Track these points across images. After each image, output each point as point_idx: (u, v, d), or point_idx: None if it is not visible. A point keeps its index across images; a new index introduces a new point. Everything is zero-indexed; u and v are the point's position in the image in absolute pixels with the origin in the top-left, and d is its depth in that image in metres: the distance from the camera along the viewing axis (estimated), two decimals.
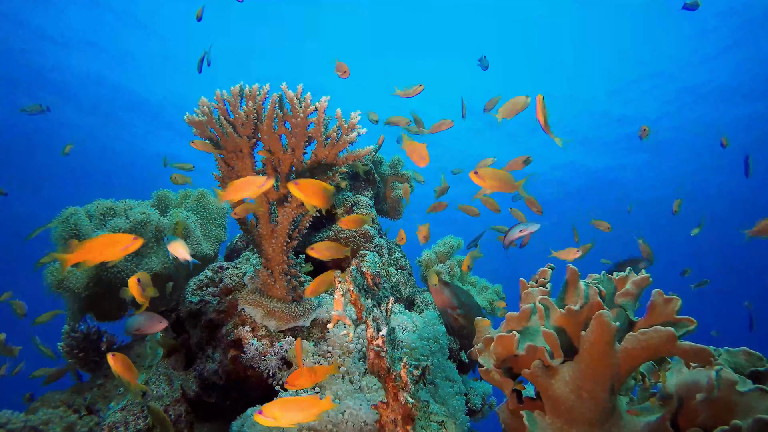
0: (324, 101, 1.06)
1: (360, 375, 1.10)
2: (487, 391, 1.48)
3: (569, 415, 0.69)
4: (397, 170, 1.97)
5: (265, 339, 1.17)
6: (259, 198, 1.11)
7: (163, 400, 1.19)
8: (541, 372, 0.70)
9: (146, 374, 1.25)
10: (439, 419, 0.97)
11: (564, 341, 0.72)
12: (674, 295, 0.67)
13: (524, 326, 0.79)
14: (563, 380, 0.69)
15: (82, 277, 1.26)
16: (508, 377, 0.80)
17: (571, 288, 0.80)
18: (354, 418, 0.92)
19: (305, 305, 1.23)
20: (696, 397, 0.63)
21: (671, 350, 0.62)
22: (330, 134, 1.08)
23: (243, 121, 1.08)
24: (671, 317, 0.66)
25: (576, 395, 0.68)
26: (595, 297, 0.70)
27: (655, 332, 0.61)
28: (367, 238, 1.57)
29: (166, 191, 1.53)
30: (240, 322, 1.20)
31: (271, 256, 1.18)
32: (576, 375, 0.68)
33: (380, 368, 0.75)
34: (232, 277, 1.32)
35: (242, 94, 1.08)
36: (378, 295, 0.83)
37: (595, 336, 0.64)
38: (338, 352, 1.16)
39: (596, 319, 0.63)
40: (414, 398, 0.76)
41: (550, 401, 0.71)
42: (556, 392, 0.69)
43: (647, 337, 0.62)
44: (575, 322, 0.72)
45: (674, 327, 0.63)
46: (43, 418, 1.17)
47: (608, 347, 0.64)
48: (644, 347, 0.63)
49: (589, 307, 0.70)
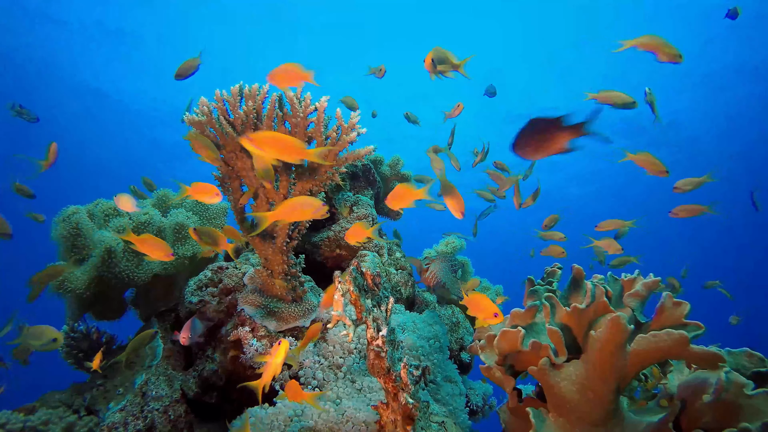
0: (324, 101, 1.05)
1: (360, 375, 1.10)
2: (488, 392, 1.47)
3: (573, 413, 0.69)
4: (397, 170, 1.97)
5: (264, 339, 1.17)
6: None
7: (162, 401, 1.19)
8: (550, 369, 0.69)
9: (146, 374, 1.24)
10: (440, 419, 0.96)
11: (568, 339, 0.72)
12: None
13: (529, 323, 0.79)
14: (569, 379, 0.69)
15: (83, 276, 1.26)
16: (510, 375, 0.79)
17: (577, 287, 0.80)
18: (354, 419, 0.92)
19: (305, 305, 1.23)
20: (702, 399, 0.63)
21: (682, 354, 0.62)
22: (330, 134, 1.07)
23: (243, 121, 1.08)
24: (680, 321, 0.66)
25: (581, 394, 0.68)
26: (601, 297, 0.70)
27: (667, 335, 0.61)
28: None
29: (167, 191, 1.53)
30: (240, 323, 1.20)
31: (270, 257, 1.17)
32: (582, 374, 0.67)
33: (380, 368, 0.75)
34: (231, 277, 1.31)
35: (242, 93, 1.08)
36: (378, 295, 0.83)
37: (607, 336, 0.64)
38: (338, 353, 1.16)
39: (612, 321, 0.63)
40: (414, 399, 0.75)
41: (555, 399, 0.71)
42: (562, 390, 0.69)
43: (659, 339, 0.62)
44: (580, 321, 0.72)
45: (683, 330, 0.63)
46: (43, 419, 1.17)
47: (619, 348, 0.64)
48: (655, 349, 0.63)
49: (596, 306, 0.70)
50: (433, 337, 1.27)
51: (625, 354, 0.64)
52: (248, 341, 1.16)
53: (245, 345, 1.15)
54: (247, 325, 1.19)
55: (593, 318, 0.72)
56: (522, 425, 0.80)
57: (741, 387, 0.60)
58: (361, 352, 1.17)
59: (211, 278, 1.33)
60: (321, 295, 1.34)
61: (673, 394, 0.71)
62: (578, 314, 0.71)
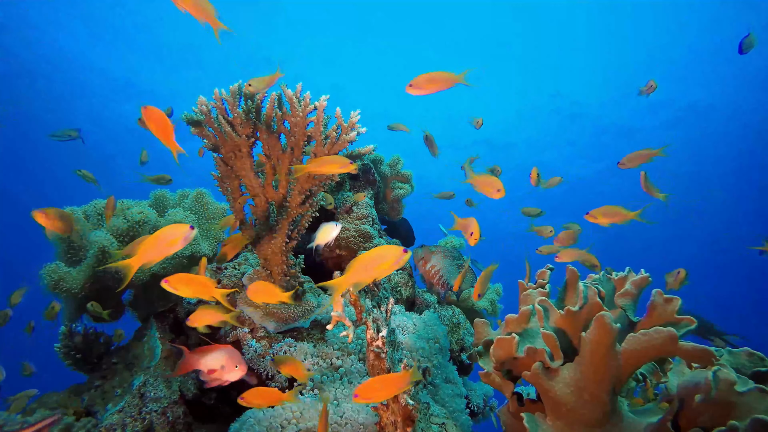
0: (323, 100, 1.05)
1: (359, 377, 1.09)
2: (489, 393, 1.47)
3: (570, 416, 0.69)
4: (397, 170, 1.96)
5: (263, 340, 1.16)
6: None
7: (161, 402, 1.18)
8: (542, 374, 0.69)
9: (144, 375, 1.24)
10: (440, 421, 0.96)
11: (564, 342, 0.71)
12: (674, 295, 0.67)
13: (524, 328, 0.78)
14: (564, 382, 0.68)
15: (79, 278, 1.25)
16: (509, 379, 0.79)
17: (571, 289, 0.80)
18: (353, 421, 0.91)
19: (304, 306, 1.23)
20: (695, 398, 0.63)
21: (673, 351, 0.61)
22: (329, 133, 1.07)
23: (242, 121, 1.07)
24: (672, 317, 0.66)
25: (577, 397, 0.67)
26: (594, 298, 0.69)
27: (656, 333, 0.61)
28: (366, 238, 1.56)
29: (164, 191, 1.52)
30: (238, 323, 1.19)
31: (269, 257, 1.17)
32: (577, 376, 0.67)
33: (380, 370, 0.74)
34: (230, 277, 1.31)
35: (241, 92, 1.07)
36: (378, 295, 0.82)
37: (596, 337, 0.63)
38: (337, 354, 1.15)
39: (597, 321, 0.62)
40: (414, 400, 0.75)
41: (551, 403, 0.70)
42: (557, 394, 0.69)
43: (648, 337, 0.61)
44: (575, 324, 0.71)
45: (675, 327, 0.62)
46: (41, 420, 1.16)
47: (609, 348, 0.63)
48: (645, 348, 0.62)
49: (589, 307, 0.70)
50: (434, 338, 1.27)
51: (616, 354, 0.64)
52: (247, 342, 1.15)
53: (244, 346, 1.15)
54: (246, 325, 1.18)
55: (587, 319, 0.72)
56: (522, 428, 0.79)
57: (731, 385, 0.59)
58: (361, 353, 1.16)
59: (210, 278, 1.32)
60: (321, 296, 1.33)
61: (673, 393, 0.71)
62: (572, 317, 0.71)
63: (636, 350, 0.63)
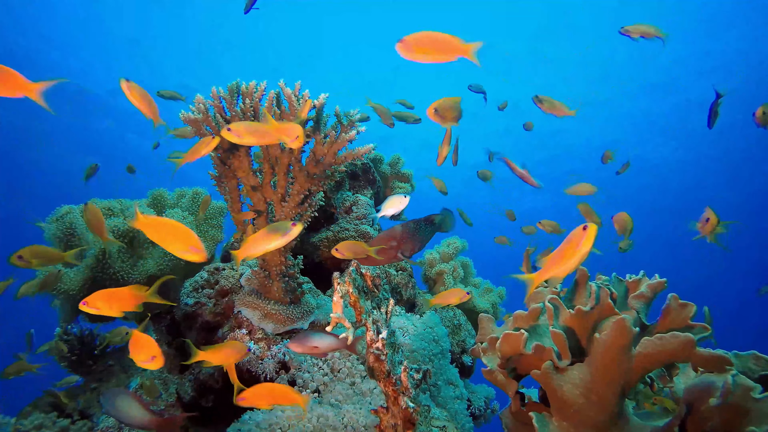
0: (322, 98, 1.03)
1: (360, 379, 1.08)
2: (490, 395, 1.45)
3: (577, 418, 0.68)
4: (397, 169, 1.95)
5: (262, 342, 1.15)
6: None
7: (157, 404, 1.17)
8: (553, 373, 0.68)
9: (141, 377, 1.22)
10: (441, 424, 0.94)
11: (572, 342, 0.70)
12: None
13: (532, 325, 0.77)
14: (573, 382, 0.67)
15: (77, 278, 1.23)
16: (513, 378, 0.78)
17: (581, 289, 0.79)
18: (353, 423, 0.90)
19: (303, 307, 1.21)
20: (709, 402, 0.61)
21: (688, 356, 0.60)
22: (329, 132, 1.05)
23: (240, 119, 1.05)
24: (686, 323, 0.65)
25: (585, 398, 0.66)
26: (606, 299, 0.68)
27: (673, 337, 0.60)
28: (366, 238, 1.54)
29: (162, 190, 1.51)
30: (236, 325, 1.17)
31: (268, 257, 1.15)
32: (587, 377, 0.66)
33: (380, 372, 0.73)
34: (228, 278, 1.29)
35: (239, 91, 1.06)
36: (378, 297, 0.81)
37: (611, 339, 0.62)
38: (337, 356, 1.13)
39: (616, 323, 0.61)
40: (415, 402, 0.73)
41: (558, 403, 0.69)
42: (566, 394, 0.68)
43: (665, 342, 0.61)
44: (584, 324, 0.70)
45: (690, 333, 0.61)
46: (36, 423, 1.15)
47: (624, 351, 0.62)
48: (660, 352, 0.61)
49: (600, 308, 0.69)
50: (434, 340, 1.25)
51: (630, 357, 0.63)
52: (245, 344, 1.13)
53: None
54: (244, 327, 1.17)
55: (598, 320, 0.71)
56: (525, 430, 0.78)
57: (748, 390, 0.59)
58: (361, 355, 1.15)
59: (208, 279, 1.31)
60: (320, 297, 1.32)
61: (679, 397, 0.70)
62: (582, 317, 0.70)
63: (650, 354, 0.62)
